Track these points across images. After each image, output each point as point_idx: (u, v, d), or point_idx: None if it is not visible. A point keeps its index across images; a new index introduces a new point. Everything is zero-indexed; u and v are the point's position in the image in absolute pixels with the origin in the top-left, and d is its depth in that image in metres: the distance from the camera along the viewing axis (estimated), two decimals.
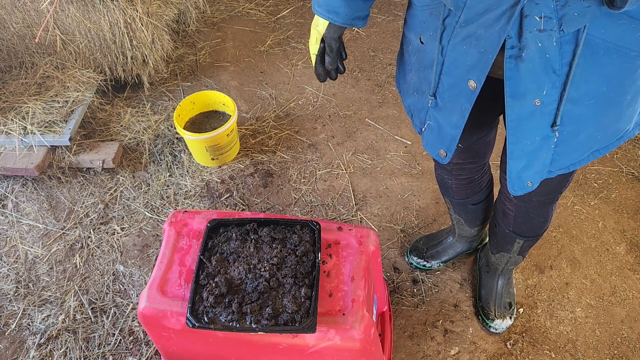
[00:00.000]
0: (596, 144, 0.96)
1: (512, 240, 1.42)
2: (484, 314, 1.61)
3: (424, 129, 1.10)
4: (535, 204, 1.26)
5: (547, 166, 0.97)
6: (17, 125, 2.01)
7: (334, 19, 1.00)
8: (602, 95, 0.86)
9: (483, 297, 1.63)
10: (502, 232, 1.42)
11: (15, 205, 2.00)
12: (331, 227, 1.12)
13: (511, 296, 1.63)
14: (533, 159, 0.96)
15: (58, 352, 1.59)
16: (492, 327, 1.58)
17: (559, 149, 0.94)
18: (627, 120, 0.94)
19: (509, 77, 0.83)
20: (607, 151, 0.98)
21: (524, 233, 1.38)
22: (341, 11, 0.99)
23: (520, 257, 1.50)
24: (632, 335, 1.60)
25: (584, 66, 0.82)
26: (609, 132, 0.94)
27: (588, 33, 0.78)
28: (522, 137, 0.92)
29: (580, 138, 0.93)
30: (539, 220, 1.32)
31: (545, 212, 1.30)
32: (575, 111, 0.88)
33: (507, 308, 1.60)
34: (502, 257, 1.52)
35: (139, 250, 1.85)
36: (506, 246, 1.46)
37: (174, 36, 2.71)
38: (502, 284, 1.61)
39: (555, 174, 0.99)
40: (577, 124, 0.90)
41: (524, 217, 1.32)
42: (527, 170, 0.98)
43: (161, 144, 2.19)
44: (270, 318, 0.93)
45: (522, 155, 0.95)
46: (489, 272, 1.64)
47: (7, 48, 2.24)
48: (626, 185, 2.02)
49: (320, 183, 2.06)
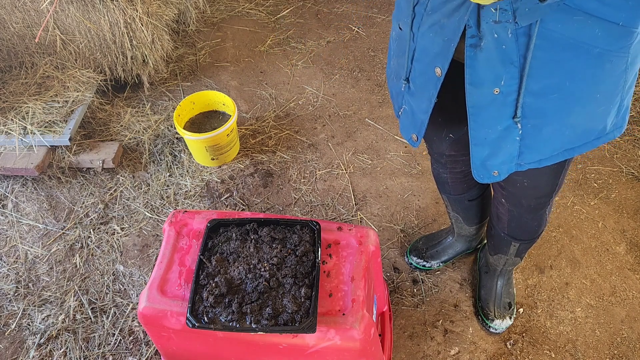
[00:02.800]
0: (567, 141, 0.95)
1: (508, 243, 1.42)
2: (484, 314, 1.61)
3: (400, 113, 1.14)
4: (526, 209, 1.26)
5: (515, 158, 0.98)
6: (17, 125, 2.01)
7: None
8: (566, 91, 0.86)
9: (483, 297, 1.63)
10: (497, 234, 1.43)
11: (15, 205, 2.00)
12: (331, 227, 1.12)
13: (511, 296, 1.62)
14: (496, 148, 0.97)
15: (58, 352, 1.59)
16: (492, 327, 1.58)
17: (525, 142, 0.95)
18: (600, 120, 0.94)
19: (468, 65, 0.86)
20: (582, 151, 0.97)
21: (518, 236, 1.38)
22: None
23: (518, 258, 1.50)
24: (632, 335, 1.60)
25: (543, 60, 0.82)
26: (579, 130, 0.94)
27: (544, 27, 0.78)
28: (482, 125, 0.94)
29: (546, 133, 0.93)
30: (533, 224, 1.32)
31: (538, 216, 1.29)
32: (538, 104, 0.89)
33: (506, 308, 1.60)
34: (499, 258, 1.52)
35: (139, 250, 1.85)
36: (503, 248, 1.47)
37: (174, 36, 2.71)
38: (502, 285, 1.61)
39: (526, 167, 1.00)
40: (540, 118, 0.91)
41: (517, 221, 1.32)
42: (492, 159, 0.99)
43: (161, 144, 2.19)
44: (270, 318, 0.93)
45: (484, 142, 0.97)
46: (488, 273, 1.64)
47: (7, 48, 2.24)
48: (626, 185, 2.02)
49: (320, 183, 2.06)
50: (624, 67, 0.87)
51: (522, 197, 1.20)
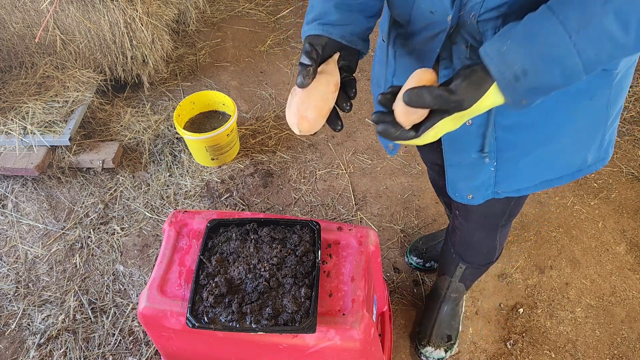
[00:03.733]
0: (544, 174, 0.94)
1: (455, 263, 1.38)
2: (418, 338, 1.56)
3: None
4: (474, 226, 1.22)
5: (492, 186, 0.98)
6: (17, 125, 2.01)
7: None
8: (540, 127, 0.86)
9: (421, 320, 1.59)
10: (447, 250, 1.39)
11: (15, 205, 2.00)
12: (331, 227, 1.12)
13: (453, 330, 1.55)
14: (471, 173, 0.97)
15: (58, 352, 1.59)
16: (423, 354, 1.52)
17: (501, 173, 0.95)
18: (579, 154, 0.92)
19: None
20: (561, 183, 0.96)
21: (466, 257, 1.34)
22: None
23: (462, 285, 1.45)
24: (632, 335, 1.60)
25: None
26: (557, 164, 0.93)
27: None
28: (455, 150, 0.94)
29: (522, 165, 0.92)
30: (482, 247, 1.28)
31: (489, 240, 1.25)
32: (511, 138, 0.88)
33: (444, 339, 1.53)
34: (444, 280, 1.48)
35: (139, 250, 1.85)
36: (449, 268, 1.42)
37: (174, 36, 2.71)
38: (445, 313, 1.54)
39: (503, 195, 0.99)
40: (514, 151, 0.90)
41: (468, 239, 1.28)
42: (466, 182, 0.99)
43: (161, 144, 2.19)
44: (270, 318, 0.93)
45: (458, 165, 0.97)
46: (431, 295, 1.60)
47: (7, 48, 2.24)
48: (626, 185, 2.02)
49: (320, 183, 2.06)
50: (605, 103, 0.85)
51: (470, 210, 1.17)
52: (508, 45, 0.66)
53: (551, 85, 0.68)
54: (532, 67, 0.65)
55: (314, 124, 0.79)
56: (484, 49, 0.69)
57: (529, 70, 0.66)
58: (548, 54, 0.65)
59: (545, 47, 0.64)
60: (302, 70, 0.77)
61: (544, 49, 0.65)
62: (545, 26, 0.64)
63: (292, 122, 0.79)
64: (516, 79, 0.67)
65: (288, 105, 0.81)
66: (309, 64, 0.76)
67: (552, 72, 0.66)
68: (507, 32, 0.68)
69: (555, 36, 0.64)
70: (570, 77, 0.67)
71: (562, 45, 0.64)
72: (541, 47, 0.65)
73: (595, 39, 0.62)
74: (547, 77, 0.66)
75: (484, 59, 0.68)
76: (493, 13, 0.72)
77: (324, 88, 0.79)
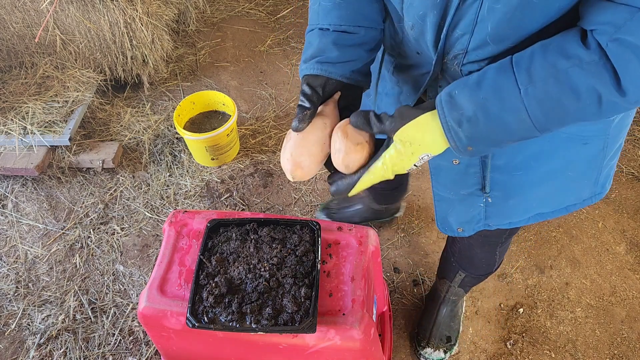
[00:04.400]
0: (537, 209, 0.94)
1: (455, 270, 1.38)
2: (417, 340, 1.55)
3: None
4: (474, 242, 1.22)
5: (483, 220, 0.97)
6: (17, 125, 2.01)
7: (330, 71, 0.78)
8: (532, 169, 0.85)
9: (421, 322, 1.59)
10: (447, 258, 1.39)
11: (15, 205, 2.00)
12: (331, 227, 1.12)
13: (452, 331, 1.55)
14: (460, 208, 0.96)
15: (58, 352, 1.59)
16: (422, 355, 1.52)
17: (491, 209, 0.94)
18: (573, 193, 0.91)
19: None
20: (555, 216, 0.95)
21: (466, 267, 1.34)
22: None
23: (461, 290, 1.45)
24: (632, 336, 1.60)
25: None
26: (549, 201, 0.92)
27: None
28: (444, 185, 0.94)
29: (513, 203, 0.92)
30: (481, 260, 1.28)
31: (489, 255, 1.24)
32: (502, 179, 0.87)
33: (443, 341, 1.53)
34: (444, 283, 1.48)
35: (139, 250, 1.85)
36: (449, 274, 1.42)
37: (174, 36, 2.71)
38: (445, 314, 1.54)
39: (494, 227, 0.99)
40: (505, 190, 0.89)
41: (468, 251, 1.27)
42: (455, 216, 0.99)
43: (161, 144, 2.19)
44: (270, 318, 0.93)
45: (447, 200, 0.97)
46: (430, 296, 1.60)
47: (7, 48, 2.24)
48: (626, 185, 2.02)
49: (320, 183, 2.06)
50: (601, 147, 0.84)
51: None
52: (459, 89, 0.65)
53: (497, 137, 0.66)
54: (475, 115, 0.64)
55: (308, 171, 0.74)
56: (440, 92, 0.68)
57: (472, 117, 0.64)
58: (495, 105, 0.63)
59: (493, 97, 0.63)
60: (299, 113, 0.73)
61: (491, 99, 0.63)
62: (499, 76, 0.63)
63: (285, 169, 0.75)
64: (459, 124, 0.65)
65: (283, 149, 0.77)
66: (308, 106, 0.73)
67: (497, 124, 0.64)
68: (467, 77, 0.67)
69: (505, 87, 0.62)
70: (518, 133, 0.64)
71: (511, 98, 0.62)
72: (489, 97, 0.63)
73: (543, 98, 0.60)
74: (491, 128, 0.64)
75: (436, 101, 0.68)
76: (475, 65, 0.71)
77: (321, 132, 0.74)
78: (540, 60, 0.60)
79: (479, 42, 0.66)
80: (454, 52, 0.71)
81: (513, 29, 0.62)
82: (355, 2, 0.78)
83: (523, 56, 0.62)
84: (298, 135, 0.74)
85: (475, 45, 0.67)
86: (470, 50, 0.68)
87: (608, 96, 0.58)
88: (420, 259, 1.80)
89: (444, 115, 0.66)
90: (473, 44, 0.67)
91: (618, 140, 0.87)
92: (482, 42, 0.66)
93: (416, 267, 1.78)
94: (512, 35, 0.64)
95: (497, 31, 0.63)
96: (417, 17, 0.70)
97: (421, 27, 0.71)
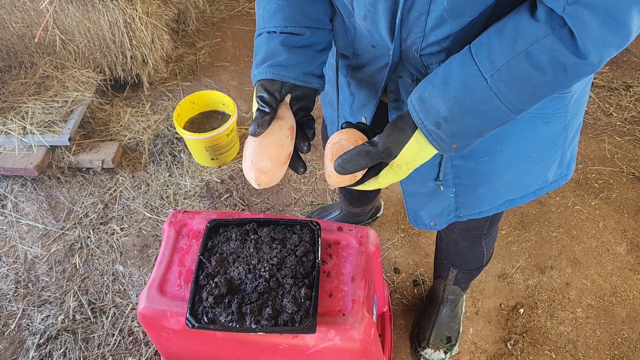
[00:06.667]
0: (506, 195, 0.94)
1: (447, 267, 1.38)
2: (417, 340, 1.55)
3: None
4: (458, 236, 1.22)
5: (453, 211, 0.98)
6: (17, 125, 2.01)
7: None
8: (497, 154, 0.85)
9: (420, 323, 1.58)
10: (439, 257, 1.40)
11: (14, 205, 2.00)
12: (331, 227, 1.12)
13: (453, 332, 1.55)
14: (429, 201, 0.96)
15: (57, 353, 1.59)
16: (423, 355, 1.52)
17: (461, 198, 0.94)
18: (539, 175, 0.92)
19: None
20: (524, 201, 0.96)
21: (456, 264, 1.34)
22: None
23: (457, 287, 1.45)
24: (633, 336, 1.60)
25: None
26: (517, 186, 0.92)
27: None
28: (412, 180, 0.94)
29: (482, 191, 0.92)
30: (469, 254, 1.28)
31: (476, 249, 1.24)
32: (469, 166, 0.88)
33: (443, 341, 1.53)
34: (439, 283, 1.48)
35: (139, 250, 1.85)
36: (442, 272, 1.43)
37: (174, 36, 2.70)
38: (444, 315, 1.54)
39: (465, 218, 0.99)
40: (473, 178, 0.90)
41: (454, 247, 1.28)
42: (426, 210, 0.99)
43: (161, 144, 2.18)
44: (270, 318, 0.93)
45: (416, 195, 0.97)
46: (429, 297, 1.61)
47: (6, 48, 2.24)
48: (627, 185, 2.01)
49: (320, 183, 2.06)
50: (562, 126, 0.85)
51: (453, 224, 1.16)
52: (429, 91, 0.65)
53: (477, 129, 0.66)
54: (451, 114, 0.64)
55: (273, 175, 0.72)
56: (410, 96, 0.68)
57: (448, 116, 0.64)
58: (466, 99, 0.63)
59: (463, 92, 0.63)
60: (258, 117, 0.71)
61: (462, 94, 0.63)
62: (463, 70, 0.63)
63: (249, 177, 0.72)
64: (437, 126, 0.65)
65: (243, 159, 0.74)
66: (267, 111, 0.72)
67: (473, 117, 0.64)
68: (432, 75, 0.66)
69: (472, 80, 0.62)
70: (496, 120, 0.65)
71: (479, 88, 0.62)
72: (459, 93, 0.63)
73: (510, 81, 0.61)
74: (469, 122, 0.64)
75: (409, 108, 0.67)
76: (435, 47, 0.70)
77: (277, 134, 0.72)
78: (498, 46, 0.61)
79: (436, 21, 0.65)
80: (412, 37, 0.69)
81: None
82: (299, 3, 0.76)
83: (481, 44, 0.62)
84: (255, 142, 0.72)
85: (432, 25, 0.66)
86: (428, 31, 0.67)
87: (571, 63, 0.59)
88: (420, 259, 1.80)
89: (421, 122, 0.67)
90: (430, 24, 0.66)
91: (578, 118, 0.88)
92: (440, 19, 0.65)
93: (416, 268, 1.78)
94: (470, 7, 0.63)
95: (454, 4, 0.62)
96: (369, 5, 0.69)
97: (373, 15, 0.69)
